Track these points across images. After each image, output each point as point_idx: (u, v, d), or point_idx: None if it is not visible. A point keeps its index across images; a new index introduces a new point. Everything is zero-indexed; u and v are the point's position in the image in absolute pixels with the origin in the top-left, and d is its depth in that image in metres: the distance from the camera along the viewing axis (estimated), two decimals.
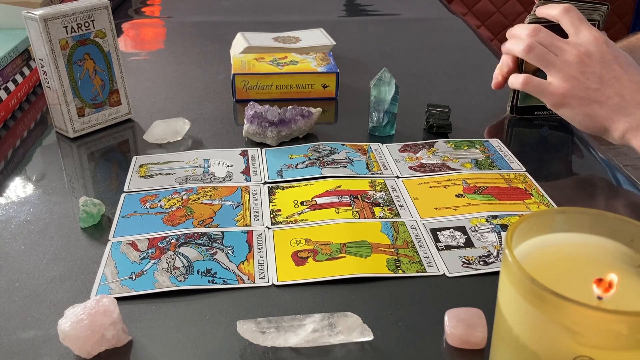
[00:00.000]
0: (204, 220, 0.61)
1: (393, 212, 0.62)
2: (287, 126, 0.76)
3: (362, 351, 0.46)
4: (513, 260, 0.33)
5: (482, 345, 0.46)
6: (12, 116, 0.86)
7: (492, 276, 0.54)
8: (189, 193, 0.65)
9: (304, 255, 0.56)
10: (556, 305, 0.31)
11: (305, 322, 0.47)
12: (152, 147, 0.77)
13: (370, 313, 0.49)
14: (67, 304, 0.48)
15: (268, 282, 0.53)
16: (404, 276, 0.54)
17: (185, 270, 0.54)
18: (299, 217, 0.62)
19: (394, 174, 0.70)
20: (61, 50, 0.74)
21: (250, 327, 0.46)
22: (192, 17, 1.36)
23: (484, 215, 0.61)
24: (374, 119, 0.79)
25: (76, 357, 0.45)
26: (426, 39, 1.22)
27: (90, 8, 0.76)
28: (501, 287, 0.36)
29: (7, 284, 0.53)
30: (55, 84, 0.75)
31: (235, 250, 0.57)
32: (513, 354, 0.35)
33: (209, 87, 0.95)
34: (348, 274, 0.53)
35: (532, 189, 0.66)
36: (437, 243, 0.58)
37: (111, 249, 0.57)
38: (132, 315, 0.49)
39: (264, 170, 0.70)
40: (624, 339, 0.30)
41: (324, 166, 0.71)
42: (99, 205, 0.62)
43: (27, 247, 0.58)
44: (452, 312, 0.48)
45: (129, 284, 0.52)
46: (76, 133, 0.79)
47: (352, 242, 0.57)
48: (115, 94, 0.82)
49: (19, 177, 0.72)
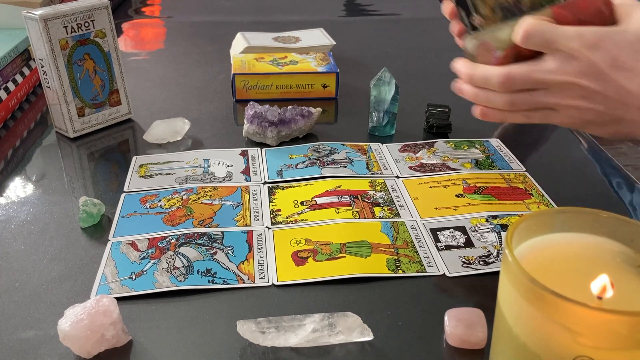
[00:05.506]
0: (204, 220, 0.61)
1: (393, 212, 0.62)
2: (287, 126, 0.76)
3: (362, 351, 0.46)
4: (513, 260, 0.33)
5: (482, 345, 0.46)
6: (12, 116, 0.86)
7: (492, 276, 0.54)
8: (189, 193, 0.65)
9: (304, 255, 0.56)
10: (556, 305, 0.31)
11: (305, 322, 0.47)
12: (152, 147, 0.77)
13: (370, 313, 0.49)
14: (67, 304, 0.48)
15: (268, 282, 0.53)
16: (404, 276, 0.54)
17: (185, 270, 0.54)
18: (299, 217, 0.62)
19: (394, 174, 0.70)
20: (61, 50, 0.74)
21: (250, 327, 0.46)
22: (192, 17, 1.36)
23: (484, 215, 0.61)
24: (374, 119, 0.79)
25: (76, 357, 0.45)
26: (426, 39, 1.22)
27: (90, 8, 0.76)
28: (501, 287, 0.36)
29: (7, 284, 0.53)
30: (55, 84, 0.75)
31: (235, 250, 0.57)
32: (513, 354, 0.35)
33: (209, 87, 0.95)
34: (348, 274, 0.53)
35: (532, 189, 0.66)
36: (437, 243, 0.58)
37: (111, 249, 0.57)
38: (132, 315, 0.49)
39: (264, 170, 0.70)
40: (623, 339, 0.30)
41: (324, 166, 0.71)
42: (99, 205, 0.62)
43: (27, 247, 0.58)
44: (452, 312, 0.48)
45: (129, 284, 0.52)
46: (76, 133, 0.79)
47: (352, 242, 0.57)
48: (115, 94, 0.82)
49: (19, 177, 0.72)
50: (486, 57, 0.56)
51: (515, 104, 0.54)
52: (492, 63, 0.54)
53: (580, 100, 0.52)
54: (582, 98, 0.52)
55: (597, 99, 0.51)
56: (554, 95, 0.52)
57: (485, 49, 0.55)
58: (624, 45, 0.49)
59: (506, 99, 0.54)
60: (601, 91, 0.51)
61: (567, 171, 0.74)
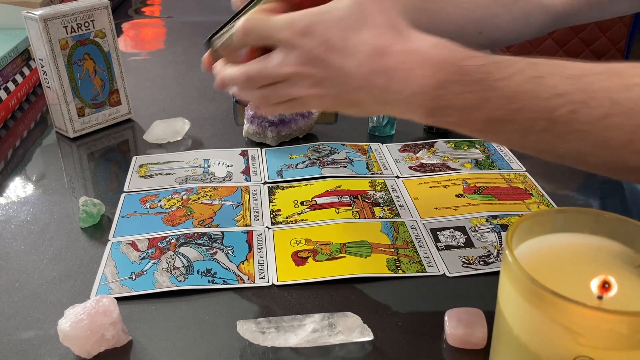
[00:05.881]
0: (204, 220, 0.61)
1: (393, 212, 0.62)
2: (287, 126, 0.76)
3: (362, 351, 0.46)
4: (513, 260, 0.33)
5: (482, 345, 0.46)
6: (12, 116, 0.86)
7: (492, 276, 0.54)
8: (189, 193, 0.65)
9: (304, 255, 0.56)
10: (556, 305, 0.31)
11: (305, 322, 0.47)
12: (152, 147, 0.77)
13: (370, 313, 0.49)
14: (67, 304, 0.48)
15: (268, 282, 0.53)
16: (404, 276, 0.54)
17: (185, 270, 0.54)
18: (299, 217, 0.62)
19: (394, 174, 0.70)
20: (61, 50, 0.74)
21: (250, 327, 0.46)
22: (192, 17, 1.36)
23: (484, 215, 0.61)
24: (374, 119, 0.79)
25: (76, 357, 0.45)
26: None
27: (90, 8, 0.76)
28: (501, 287, 0.36)
29: (7, 284, 0.53)
30: (55, 84, 0.75)
31: (235, 250, 0.57)
32: (513, 354, 0.35)
33: (209, 87, 0.95)
34: (348, 274, 0.53)
35: (532, 189, 0.66)
36: (437, 243, 0.58)
37: (111, 249, 0.57)
38: (132, 315, 0.49)
39: (264, 170, 0.70)
40: (624, 339, 0.30)
41: (324, 166, 0.71)
42: (99, 205, 0.62)
43: (27, 247, 0.58)
44: (452, 312, 0.48)
45: (129, 284, 0.52)
46: (76, 133, 0.79)
47: (352, 242, 0.57)
48: (115, 94, 0.82)
49: (19, 177, 0.72)
50: (234, 57, 0.55)
51: (267, 98, 0.53)
52: (242, 61, 0.54)
53: (313, 88, 0.50)
54: (314, 85, 0.50)
55: (326, 84, 0.49)
56: (292, 86, 0.51)
57: (229, 50, 0.55)
58: (332, 25, 0.48)
59: (258, 95, 0.53)
60: (326, 76, 0.49)
61: (567, 171, 0.74)
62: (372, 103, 0.49)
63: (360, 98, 0.49)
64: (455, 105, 0.46)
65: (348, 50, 0.48)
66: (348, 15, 0.48)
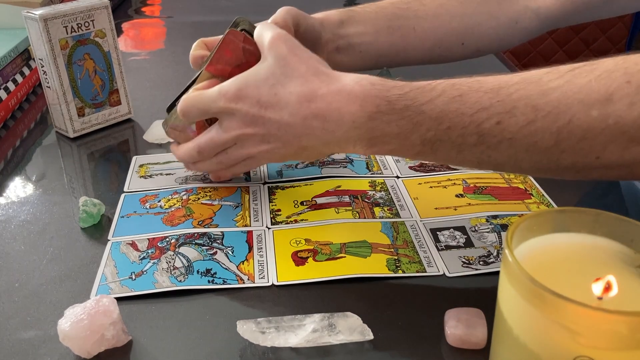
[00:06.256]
0: (204, 221, 0.61)
1: (393, 212, 0.62)
2: None
3: (362, 351, 0.46)
4: (513, 260, 0.33)
5: (482, 345, 0.46)
6: (12, 116, 0.86)
7: (492, 276, 0.54)
8: (188, 193, 0.65)
9: (304, 255, 0.56)
10: (556, 306, 0.31)
11: (305, 322, 0.47)
12: (152, 147, 0.77)
13: (370, 313, 0.49)
14: (67, 304, 0.48)
15: (268, 282, 0.53)
16: (404, 276, 0.54)
17: (185, 270, 0.54)
18: (299, 217, 0.62)
19: (394, 174, 0.70)
20: (61, 50, 0.74)
21: (250, 327, 0.46)
22: (192, 17, 1.36)
23: (484, 215, 0.61)
24: None
25: (76, 357, 0.45)
26: None
27: (90, 8, 0.76)
28: (501, 287, 0.36)
29: (7, 284, 0.53)
30: (55, 84, 0.75)
31: (235, 250, 0.57)
32: (513, 354, 0.35)
33: None
34: (348, 274, 0.53)
35: (532, 189, 0.66)
36: (437, 243, 0.58)
37: (111, 249, 0.57)
38: (132, 315, 0.49)
39: (263, 170, 0.70)
40: (624, 339, 0.30)
41: (323, 166, 0.71)
42: (99, 205, 0.62)
43: (27, 247, 0.58)
44: (452, 312, 0.48)
45: (128, 284, 0.52)
46: (76, 133, 0.79)
47: (352, 242, 0.57)
48: (115, 93, 0.82)
49: (19, 177, 0.72)
50: (184, 135, 0.62)
51: (223, 163, 0.59)
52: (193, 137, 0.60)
53: (261, 144, 0.55)
54: (261, 142, 0.55)
55: (271, 139, 0.54)
56: (242, 148, 0.56)
57: (178, 130, 0.62)
58: (260, 84, 0.52)
59: (213, 162, 0.59)
60: (267, 132, 0.53)
61: None
62: (318, 145, 0.53)
63: (305, 143, 0.53)
64: (391, 133, 0.49)
65: (280, 103, 0.52)
66: (272, 73, 0.52)
